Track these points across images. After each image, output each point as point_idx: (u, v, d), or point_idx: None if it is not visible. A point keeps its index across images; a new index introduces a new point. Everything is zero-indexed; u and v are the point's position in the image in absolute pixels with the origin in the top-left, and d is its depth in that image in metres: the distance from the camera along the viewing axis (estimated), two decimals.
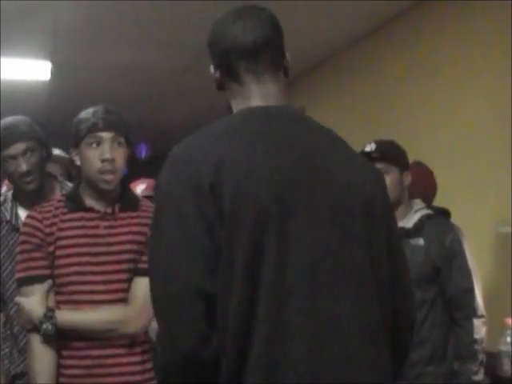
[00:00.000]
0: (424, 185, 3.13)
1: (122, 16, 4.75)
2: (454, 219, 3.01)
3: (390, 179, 2.65)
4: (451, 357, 2.64)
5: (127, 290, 2.21)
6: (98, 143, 2.21)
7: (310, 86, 6.12)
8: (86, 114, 2.25)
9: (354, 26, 4.94)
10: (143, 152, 9.57)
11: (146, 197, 3.41)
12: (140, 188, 3.91)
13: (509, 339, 3.20)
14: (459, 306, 2.65)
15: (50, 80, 6.11)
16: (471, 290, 2.64)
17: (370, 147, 2.75)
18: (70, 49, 5.45)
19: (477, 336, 2.61)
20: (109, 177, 2.20)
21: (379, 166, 2.65)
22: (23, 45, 5.21)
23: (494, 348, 3.27)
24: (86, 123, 2.22)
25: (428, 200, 3.02)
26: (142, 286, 2.18)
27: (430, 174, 3.25)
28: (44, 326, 2.13)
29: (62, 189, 2.68)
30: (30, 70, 5.83)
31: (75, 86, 6.32)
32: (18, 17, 4.56)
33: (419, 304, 2.58)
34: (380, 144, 2.76)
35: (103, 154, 2.19)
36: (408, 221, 2.73)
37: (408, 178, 2.76)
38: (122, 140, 2.25)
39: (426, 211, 2.76)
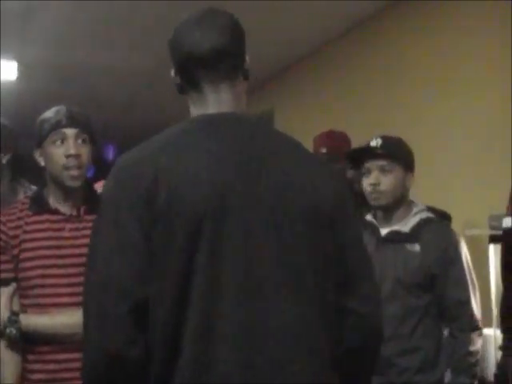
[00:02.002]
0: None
1: (91, 16, 4.72)
2: None
3: (393, 178, 2.57)
4: (442, 367, 2.53)
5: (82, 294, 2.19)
6: (62, 140, 2.19)
7: (281, 87, 6.14)
8: (49, 113, 2.24)
9: (326, 27, 4.95)
10: (111, 153, 9.51)
11: None
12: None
13: None
14: (454, 318, 2.53)
15: (17, 80, 6.05)
16: (467, 302, 2.52)
17: (375, 142, 2.62)
18: (36, 48, 5.41)
19: (472, 348, 2.50)
20: (74, 172, 2.18)
21: (382, 162, 2.58)
22: None
23: None
24: (49, 121, 2.21)
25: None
26: None
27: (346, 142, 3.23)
28: (8, 331, 2.10)
29: (25, 192, 2.64)
30: None
31: (42, 86, 6.27)
32: None
33: (410, 311, 2.52)
34: (386, 140, 2.62)
35: (68, 150, 2.18)
36: (405, 224, 2.59)
37: (411, 180, 2.63)
38: (87, 137, 2.23)
39: (425, 214, 2.62)
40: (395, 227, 2.60)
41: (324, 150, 3.18)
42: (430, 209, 2.71)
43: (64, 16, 4.69)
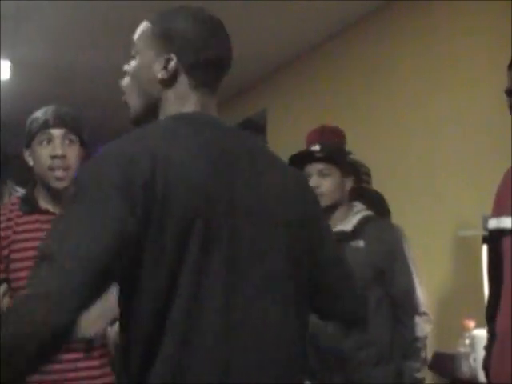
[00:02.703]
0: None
1: (85, 16, 4.71)
2: (413, 222, 3.04)
3: (331, 181, 2.66)
4: (398, 356, 2.62)
5: None
6: (49, 140, 2.19)
7: (273, 88, 6.14)
8: (38, 112, 2.23)
9: (318, 28, 4.96)
10: None
11: None
12: None
13: (467, 341, 3.23)
14: (401, 306, 2.64)
15: (10, 79, 6.04)
16: (412, 290, 2.64)
17: (315, 146, 2.74)
18: (30, 48, 5.39)
19: (419, 334, 2.61)
20: (59, 173, 2.17)
21: (321, 166, 2.68)
22: None
23: (454, 350, 3.31)
24: (37, 121, 2.20)
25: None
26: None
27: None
28: None
29: (10, 194, 2.63)
30: None
31: (35, 85, 6.26)
32: None
33: None
34: (325, 145, 2.75)
35: (53, 151, 2.17)
36: (347, 223, 2.69)
37: (349, 183, 2.72)
38: (75, 138, 2.22)
39: (365, 213, 2.72)
40: (338, 227, 2.67)
41: (317, 148, 3.15)
42: (370, 206, 2.82)
43: (58, 16, 4.68)
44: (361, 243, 2.64)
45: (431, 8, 4.05)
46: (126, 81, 1.53)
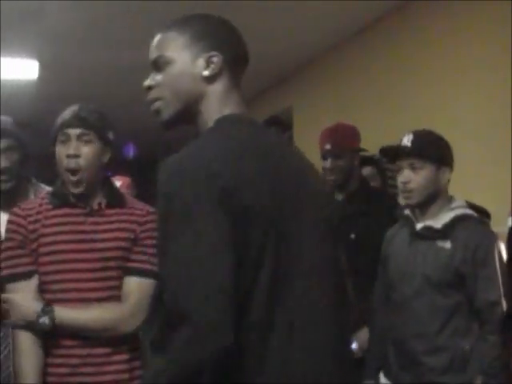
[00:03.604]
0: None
1: (110, 16, 4.74)
2: None
3: (423, 175, 2.52)
4: (474, 370, 2.43)
5: (116, 288, 2.20)
6: (67, 140, 2.20)
7: (298, 86, 6.13)
8: (64, 111, 2.25)
9: (341, 26, 4.96)
10: (130, 152, 9.55)
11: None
12: (117, 183, 3.94)
13: None
14: (485, 320, 2.43)
15: (38, 79, 6.09)
16: (497, 304, 2.41)
17: (407, 138, 2.56)
18: (57, 48, 5.44)
19: (500, 352, 2.40)
20: (72, 177, 2.19)
21: (412, 160, 2.53)
22: (11, 44, 5.19)
23: None
24: (59, 121, 2.23)
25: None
26: (134, 284, 2.20)
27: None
28: (41, 320, 2.11)
29: (35, 191, 2.66)
30: (17, 69, 5.82)
31: (63, 85, 6.31)
32: (5, 16, 4.54)
33: (438, 309, 2.47)
34: (417, 136, 2.56)
35: (67, 150, 2.19)
36: (439, 220, 2.52)
37: (446, 175, 2.55)
38: (93, 137, 2.21)
39: (461, 211, 2.53)
40: (428, 223, 2.54)
41: (328, 147, 3.11)
42: (470, 206, 2.63)
43: (86, 15, 4.71)
44: (447, 244, 2.48)
45: (453, 7, 4.04)
46: (158, 92, 1.56)
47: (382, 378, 2.65)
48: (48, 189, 2.34)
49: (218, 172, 1.33)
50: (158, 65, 1.56)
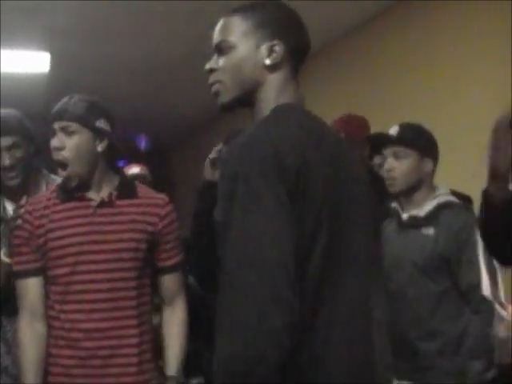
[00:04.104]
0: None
1: (120, 8, 4.75)
2: None
3: (406, 164, 2.60)
4: (466, 354, 2.50)
5: (130, 279, 2.22)
6: (53, 134, 2.24)
7: (304, 76, 6.11)
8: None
9: (349, 15, 4.94)
10: (143, 144, 9.57)
11: (137, 175, 3.51)
12: (135, 169, 3.98)
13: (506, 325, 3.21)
14: (469, 302, 2.52)
15: (49, 72, 6.10)
16: (478, 285, 2.47)
17: (393, 129, 2.67)
18: (69, 40, 5.44)
19: (483, 332, 2.47)
20: (62, 173, 2.22)
21: (396, 149, 2.62)
22: (22, 36, 5.20)
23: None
24: (50, 115, 2.26)
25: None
26: (175, 281, 2.35)
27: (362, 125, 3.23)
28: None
29: (47, 183, 2.67)
30: (29, 61, 5.82)
31: (74, 77, 6.31)
32: (17, 8, 4.56)
33: (429, 295, 2.53)
34: (403, 127, 2.67)
35: (52, 144, 2.22)
36: (423, 208, 2.61)
37: (429, 165, 2.65)
38: (77, 128, 2.21)
39: (444, 198, 2.62)
40: (413, 212, 2.62)
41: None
42: (454, 193, 2.70)
43: (98, 6, 4.71)
44: (431, 230, 2.56)
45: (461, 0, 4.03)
46: (219, 75, 1.55)
47: None
48: (59, 180, 2.36)
49: (284, 152, 1.34)
50: (221, 49, 1.55)
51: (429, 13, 4.35)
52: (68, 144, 2.20)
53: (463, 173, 3.95)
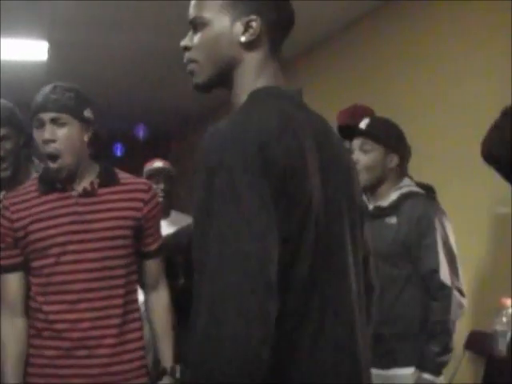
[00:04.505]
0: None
1: None
2: (448, 199, 3.00)
3: (371, 158, 2.68)
4: (425, 338, 2.58)
5: (117, 268, 2.20)
6: (41, 125, 2.18)
7: (307, 67, 6.10)
8: (37, 94, 2.22)
9: (351, 7, 4.91)
10: (141, 133, 9.56)
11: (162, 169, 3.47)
12: (158, 163, 3.92)
13: (504, 319, 3.21)
14: (428, 287, 2.60)
15: (47, 60, 6.08)
16: (436, 271, 2.57)
17: (364, 122, 2.74)
18: (67, 29, 5.42)
19: (441, 317, 2.56)
20: (52, 165, 2.16)
21: (362, 142, 2.69)
22: (20, 25, 5.18)
23: (491, 328, 3.30)
24: (33, 105, 2.20)
25: None
26: (157, 266, 2.34)
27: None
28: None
29: (36, 171, 2.65)
30: (27, 50, 5.80)
31: (73, 66, 6.30)
32: None
33: (391, 281, 2.60)
34: (373, 121, 2.75)
35: (43, 135, 2.17)
36: (386, 199, 2.70)
37: (394, 160, 2.71)
38: (68, 119, 2.17)
39: (407, 189, 2.70)
40: (378, 203, 2.71)
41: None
42: (418, 184, 2.78)
43: None
44: (393, 219, 2.64)
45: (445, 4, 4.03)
46: (194, 53, 1.46)
47: None
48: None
49: (267, 143, 1.24)
50: (195, 26, 1.46)
51: (429, 5, 4.32)
52: (59, 135, 2.16)
53: (461, 159, 3.94)
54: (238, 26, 1.41)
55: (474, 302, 3.16)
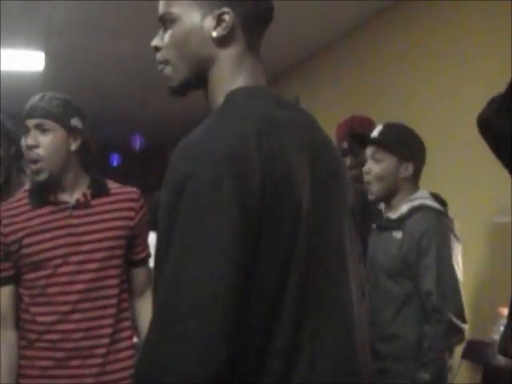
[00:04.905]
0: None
1: (116, 6, 4.73)
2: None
3: (383, 167, 2.56)
4: (417, 363, 2.44)
5: (110, 278, 2.20)
6: (26, 131, 2.19)
7: (304, 76, 6.12)
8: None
9: (347, 16, 4.93)
10: (137, 143, 9.56)
11: None
12: None
13: (502, 328, 3.21)
14: (425, 309, 2.46)
15: (44, 70, 6.08)
16: (431, 293, 2.42)
17: (377, 129, 2.61)
18: (63, 39, 5.42)
19: (431, 343, 2.41)
20: (33, 166, 2.16)
21: (374, 151, 2.58)
22: (16, 35, 5.18)
23: (488, 337, 3.29)
24: (22, 113, 2.20)
25: None
26: (145, 274, 2.33)
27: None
28: None
29: (30, 181, 2.65)
30: (24, 60, 5.80)
31: (69, 76, 6.30)
32: (12, 7, 4.53)
33: (391, 298, 2.50)
34: (385, 128, 2.61)
35: (26, 141, 2.17)
36: (397, 212, 2.56)
37: (408, 169, 2.57)
38: (52, 125, 2.16)
39: (418, 202, 2.54)
40: (388, 214, 2.61)
41: (345, 145, 3.08)
42: (433, 196, 2.63)
43: (92, 7, 4.69)
44: (399, 234, 2.51)
45: (449, 5, 4.03)
46: (165, 53, 1.35)
47: None
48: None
49: (246, 156, 1.14)
50: (165, 23, 1.35)
51: (430, 10, 4.33)
52: (42, 142, 2.15)
53: (461, 167, 3.94)
54: (210, 21, 1.29)
55: (471, 311, 3.14)
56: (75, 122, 2.20)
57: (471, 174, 3.87)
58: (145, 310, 2.32)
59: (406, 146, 2.60)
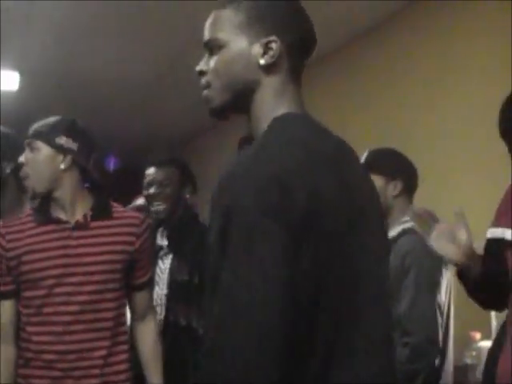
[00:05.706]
0: None
1: (92, 26, 4.74)
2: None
3: None
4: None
5: (107, 301, 2.21)
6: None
7: (314, 81, 6.09)
8: None
9: (341, 30, 4.93)
10: (111, 164, 9.52)
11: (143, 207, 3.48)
12: (140, 201, 3.91)
13: (474, 353, 3.23)
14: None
15: (18, 90, 6.07)
16: (403, 316, 2.38)
17: (362, 157, 2.61)
18: (37, 59, 5.43)
19: (404, 367, 2.36)
20: (25, 183, 2.32)
21: None
22: None
23: (460, 361, 3.30)
24: None
25: None
26: (147, 298, 2.40)
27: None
28: None
29: (31, 201, 2.65)
30: None
31: (44, 96, 6.29)
32: None
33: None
34: (370, 152, 2.64)
35: (19, 160, 2.31)
36: (389, 233, 2.53)
37: (397, 186, 2.60)
38: (39, 144, 2.22)
39: (408, 225, 2.52)
40: None
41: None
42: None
43: (67, 24, 4.70)
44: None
45: (451, 9, 4.07)
46: (210, 77, 1.37)
47: None
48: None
49: (291, 184, 1.16)
50: (211, 48, 1.37)
51: (442, 13, 4.34)
52: (29, 159, 2.24)
53: (473, 166, 3.92)
54: (257, 48, 1.33)
55: None
56: (61, 140, 2.22)
57: (468, 187, 3.87)
58: (146, 334, 2.39)
59: (389, 165, 2.64)
